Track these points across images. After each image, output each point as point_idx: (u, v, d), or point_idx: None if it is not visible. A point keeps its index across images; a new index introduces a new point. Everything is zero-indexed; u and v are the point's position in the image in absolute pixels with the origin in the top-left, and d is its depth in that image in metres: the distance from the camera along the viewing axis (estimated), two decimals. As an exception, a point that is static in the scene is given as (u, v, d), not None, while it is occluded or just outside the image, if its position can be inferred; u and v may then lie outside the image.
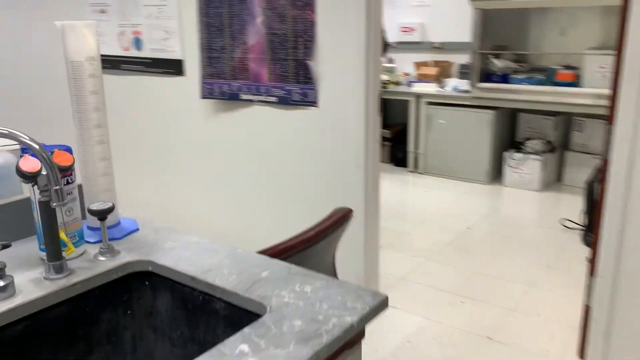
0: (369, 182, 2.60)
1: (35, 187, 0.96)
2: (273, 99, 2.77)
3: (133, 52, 3.38)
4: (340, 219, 1.52)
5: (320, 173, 2.72)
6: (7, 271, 1.03)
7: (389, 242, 3.54)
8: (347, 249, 2.75)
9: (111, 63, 3.53)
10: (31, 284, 0.99)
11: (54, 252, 1.00)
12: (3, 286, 0.93)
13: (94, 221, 1.19)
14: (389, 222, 3.87)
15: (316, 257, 1.47)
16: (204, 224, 3.38)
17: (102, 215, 1.07)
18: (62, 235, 1.00)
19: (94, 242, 1.15)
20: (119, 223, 1.22)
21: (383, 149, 5.57)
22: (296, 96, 2.68)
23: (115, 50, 3.47)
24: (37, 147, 0.84)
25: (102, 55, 3.54)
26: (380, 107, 2.61)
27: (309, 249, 1.38)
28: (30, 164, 0.92)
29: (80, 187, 1.18)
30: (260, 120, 2.87)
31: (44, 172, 0.96)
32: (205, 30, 2.94)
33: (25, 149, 1.08)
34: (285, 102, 2.73)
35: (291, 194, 2.88)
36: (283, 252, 1.28)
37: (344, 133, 2.58)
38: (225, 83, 2.91)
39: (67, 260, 1.07)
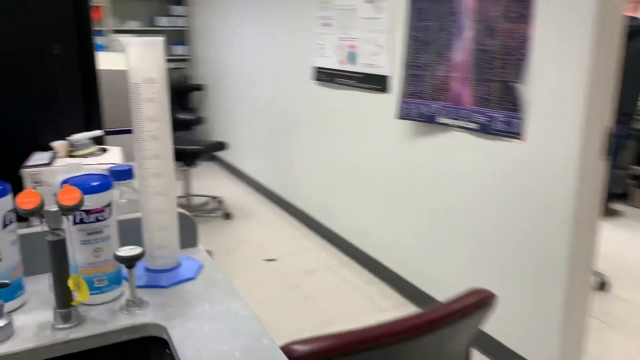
0: (577, 242, 2.01)
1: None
2: (473, 125, 2.36)
3: (347, 66, 3.30)
4: (467, 308, 1.12)
5: (515, 218, 2.22)
6: (29, 308, 0.96)
7: (616, 316, 2.77)
8: (540, 319, 2.20)
9: (329, 76, 3.52)
10: (34, 329, 0.89)
11: (61, 298, 0.88)
12: (-2, 327, 0.85)
13: (150, 261, 1.06)
14: (623, 289, 3.05)
15: (424, 351, 1.10)
16: (385, 246, 3.13)
17: (128, 262, 0.92)
18: (70, 282, 0.87)
19: (138, 287, 1.02)
20: (177, 267, 1.07)
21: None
22: (498, 124, 2.24)
23: (333, 63, 3.45)
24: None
25: (321, 68, 3.58)
26: (609, 149, 2.00)
27: (407, 343, 1.03)
28: (26, 199, 0.82)
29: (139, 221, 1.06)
30: (456, 148, 2.49)
31: (52, 209, 0.84)
32: (411, 45, 2.67)
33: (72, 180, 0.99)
34: (485, 130, 2.30)
35: (477, 234, 2.43)
36: (358, 343, 0.97)
37: (550, 175, 2.05)
38: (424, 104, 2.60)
39: (92, 305, 0.95)
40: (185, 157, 4.14)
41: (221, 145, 4.50)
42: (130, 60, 0.96)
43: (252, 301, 2.98)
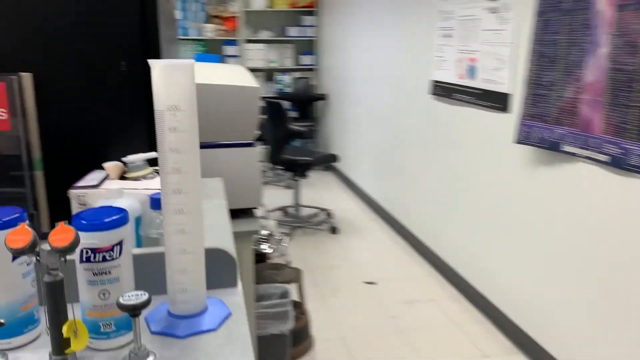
0: None
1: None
2: (603, 157, 2.00)
3: (466, 81, 3.03)
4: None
5: (652, 277, 1.83)
6: (39, 344, 0.90)
7: None
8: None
9: (446, 91, 3.27)
10: (30, 373, 0.82)
11: (57, 344, 0.80)
12: (-10, 369, 0.79)
13: (172, 304, 0.96)
14: None
15: None
16: (497, 283, 2.80)
17: (131, 311, 0.82)
18: (64, 329, 0.79)
19: (154, 333, 0.92)
20: (200, 313, 0.95)
21: None
22: (635, 159, 1.87)
23: (451, 77, 3.20)
24: None
25: (439, 82, 3.34)
26: None
27: None
28: (16, 236, 0.74)
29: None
30: (582, 183, 2.13)
31: (48, 248, 0.77)
32: (535, 61, 2.35)
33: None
34: (618, 164, 1.94)
35: (603, 286, 2.05)
36: None
37: (700, 228, 1.65)
38: (547, 128, 2.27)
39: (97, 350, 0.87)
40: (296, 168, 4.11)
41: (333, 158, 4.42)
42: (154, 84, 0.86)
43: (344, 327, 2.83)
